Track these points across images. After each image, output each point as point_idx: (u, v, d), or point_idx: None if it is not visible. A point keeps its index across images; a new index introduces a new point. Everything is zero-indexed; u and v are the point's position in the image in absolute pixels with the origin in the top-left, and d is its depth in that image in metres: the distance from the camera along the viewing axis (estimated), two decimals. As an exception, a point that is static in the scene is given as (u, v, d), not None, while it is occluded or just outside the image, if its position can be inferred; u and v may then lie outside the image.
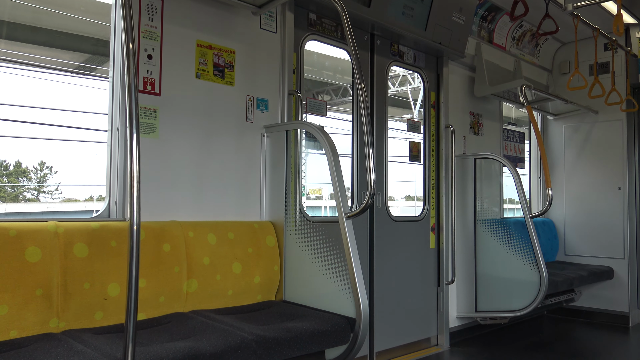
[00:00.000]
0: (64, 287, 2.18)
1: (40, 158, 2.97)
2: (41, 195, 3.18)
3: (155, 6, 2.74)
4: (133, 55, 1.82)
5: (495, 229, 4.49)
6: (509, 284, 4.34)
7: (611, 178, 5.48)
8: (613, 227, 5.43)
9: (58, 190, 3.02)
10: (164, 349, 1.87)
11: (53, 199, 3.12)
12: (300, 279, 2.89)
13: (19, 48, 2.79)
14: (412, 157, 4.36)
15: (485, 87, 4.77)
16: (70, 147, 2.77)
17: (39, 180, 3.08)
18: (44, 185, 3.08)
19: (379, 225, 3.91)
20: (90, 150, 2.92)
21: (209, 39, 2.96)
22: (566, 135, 5.86)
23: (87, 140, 2.89)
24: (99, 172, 2.67)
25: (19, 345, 1.94)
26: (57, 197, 3.09)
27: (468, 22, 4.31)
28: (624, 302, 5.35)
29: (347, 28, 2.64)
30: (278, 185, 3.06)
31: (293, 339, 2.19)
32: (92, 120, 2.80)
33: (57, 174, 2.90)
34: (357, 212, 2.54)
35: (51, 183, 3.04)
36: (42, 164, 3.00)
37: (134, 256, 1.69)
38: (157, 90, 2.73)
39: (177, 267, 2.54)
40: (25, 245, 2.12)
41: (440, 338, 4.34)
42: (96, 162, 2.83)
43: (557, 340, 4.75)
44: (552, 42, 5.83)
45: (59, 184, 2.94)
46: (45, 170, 3.03)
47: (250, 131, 3.13)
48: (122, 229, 2.41)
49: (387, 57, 4.09)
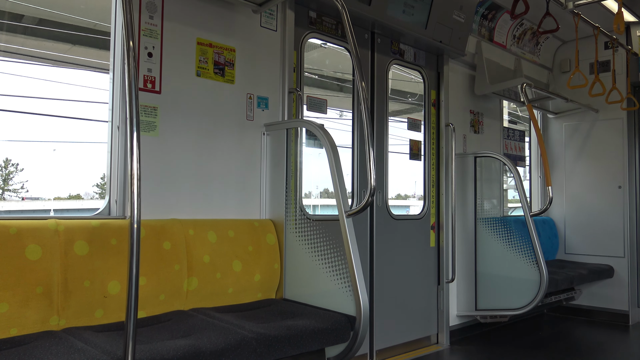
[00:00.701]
0: (64, 285, 2.18)
1: (6, 155, 2.95)
2: (7, 194, 3.15)
3: (156, 4, 2.74)
4: (133, 53, 1.81)
5: (496, 227, 4.49)
6: (509, 283, 4.34)
7: (611, 176, 5.48)
8: (613, 225, 5.43)
9: (24, 188, 3.00)
10: (164, 347, 1.87)
11: (17, 198, 3.10)
12: (300, 277, 2.89)
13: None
14: (413, 156, 4.37)
15: (485, 86, 4.77)
16: (35, 143, 2.73)
17: (4, 178, 3.06)
18: (7, 184, 3.07)
19: (379, 224, 3.91)
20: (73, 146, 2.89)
21: (209, 36, 2.96)
22: (566, 134, 5.86)
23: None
24: (60, 169, 2.66)
25: (20, 343, 1.94)
26: (20, 196, 3.07)
27: (468, 21, 4.30)
28: (624, 300, 5.35)
29: (347, 26, 2.64)
30: (278, 183, 3.06)
31: (293, 337, 2.19)
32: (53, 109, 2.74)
33: (23, 172, 2.87)
34: (357, 211, 2.54)
35: (17, 181, 3.02)
36: (7, 161, 2.98)
37: (134, 254, 1.69)
38: (157, 88, 2.73)
39: (178, 265, 2.54)
40: (26, 243, 2.12)
41: (440, 336, 4.35)
42: (56, 158, 2.82)
43: (557, 338, 4.75)
44: (552, 40, 5.82)
45: (25, 181, 2.92)
46: (11, 167, 3.01)
47: (250, 129, 3.13)
48: (123, 227, 2.41)
49: (387, 55, 4.08)
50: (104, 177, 2.69)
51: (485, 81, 4.75)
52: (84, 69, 2.95)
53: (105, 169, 2.64)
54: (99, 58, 2.89)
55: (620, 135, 5.47)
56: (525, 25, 5.34)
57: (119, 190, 2.59)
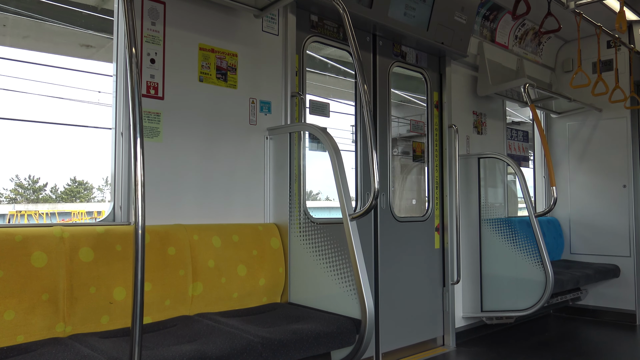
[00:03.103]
0: (70, 291, 2.18)
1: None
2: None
3: (158, 10, 2.75)
4: (136, 60, 1.82)
5: (500, 228, 4.48)
6: (515, 284, 4.33)
7: (616, 176, 5.46)
8: (618, 225, 5.41)
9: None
10: (170, 352, 1.88)
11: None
12: (305, 281, 2.89)
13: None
14: (416, 157, 4.36)
15: (488, 87, 4.76)
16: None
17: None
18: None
19: (384, 226, 3.91)
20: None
21: (211, 42, 2.97)
22: (570, 134, 5.84)
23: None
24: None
25: (26, 350, 1.95)
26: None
27: (470, 22, 4.30)
28: (630, 300, 5.33)
29: (349, 29, 2.64)
30: (282, 187, 3.07)
31: (299, 341, 2.19)
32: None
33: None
34: (361, 214, 2.54)
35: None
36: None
37: (139, 260, 1.70)
38: (160, 94, 2.74)
39: (183, 271, 2.54)
40: (31, 250, 2.13)
41: (446, 338, 4.33)
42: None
43: (563, 339, 4.73)
44: (554, 40, 5.81)
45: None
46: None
47: (253, 134, 3.13)
48: (127, 233, 2.41)
49: (389, 57, 4.08)
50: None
51: (488, 82, 4.75)
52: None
53: (110, 175, 2.65)
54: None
55: (624, 134, 5.46)
56: (527, 26, 5.33)
57: (124, 196, 2.60)
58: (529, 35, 5.46)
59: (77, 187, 17.80)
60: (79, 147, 3.69)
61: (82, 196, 17.34)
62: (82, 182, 17.67)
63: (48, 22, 2.88)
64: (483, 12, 4.81)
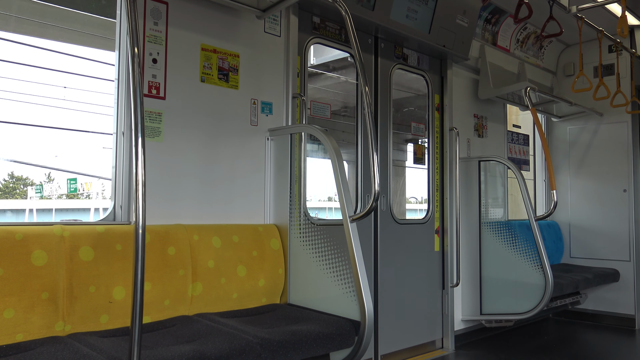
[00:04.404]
0: (69, 290, 2.19)
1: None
2: None
3: (160, 10, 2.75)
4: (138, 60, 1.83)
5: (500, 231, 4.48)
6: (514, 287, 4.33)
7: (616, 180, 5.46)
8: (618, 229, 5.41)
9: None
10: (169, 352, 1.88)
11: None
12: (304, 282, 2.89)
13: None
14: (417, 160, 4.36)
15: (489, 90, 4.77)
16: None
17: None
18: None
19: (384, 228, 3.91)
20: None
21: (213, 42, 2.97)
22: (571, 138, 5.84)
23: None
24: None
25: (25, 349, 1.95)
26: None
27: (472, 25, 4.31)
28: (630, 304, 5.32)
29: (351, 31, 2.64)
30: (282, 188, 3.07)
31: (298, 342, 2.19)
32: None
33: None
34: (361, 215, 2.54)
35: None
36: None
37: (139, 259, 1.70)
38: (161, 94, 2.74)
39: (182, 271, 2.54)
40: (31, 249, 2.13)
41: (445, 341, 4.33)
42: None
43: (562, 343, 4.73)
44: (556, 44, 5.82)
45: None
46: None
47: (254, 135, 3.14)
48: (128, 232, 2.42)
49: (391, 60, 4.09)
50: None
51: (489, 85, 4.75)
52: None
53: (111, 174, 2.65)
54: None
55: (625, 138, 5.46)
56: (528, 29, 5.34)
57: (124, 196, 2.60)
58: (531, 39, 5.46)
59: (15, 184, 17.53)
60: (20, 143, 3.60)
61: (19, 193, 17.07)
62: (20, 178, 17.44)
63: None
64: (485, 16, 4.82)
